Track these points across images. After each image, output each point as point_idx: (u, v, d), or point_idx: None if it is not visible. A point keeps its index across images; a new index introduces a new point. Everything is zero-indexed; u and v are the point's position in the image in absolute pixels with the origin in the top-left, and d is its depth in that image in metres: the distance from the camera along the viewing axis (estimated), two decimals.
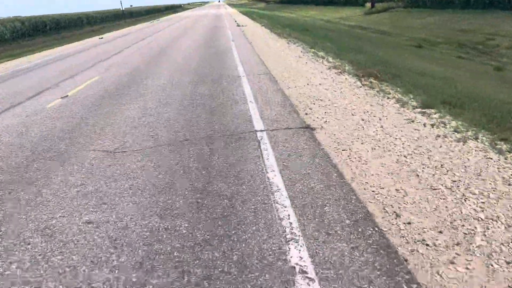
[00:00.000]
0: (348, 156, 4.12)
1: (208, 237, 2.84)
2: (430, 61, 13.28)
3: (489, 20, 25.00)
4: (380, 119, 5.27)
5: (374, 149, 4.27)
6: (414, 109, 5.63)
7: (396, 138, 4.53)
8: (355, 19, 38.96)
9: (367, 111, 5.65)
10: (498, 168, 3.59)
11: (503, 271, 2.28)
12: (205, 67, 10.49)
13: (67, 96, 8.11)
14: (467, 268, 2.33)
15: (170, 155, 4.46)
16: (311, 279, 2.32)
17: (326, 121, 5.32)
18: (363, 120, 5.28)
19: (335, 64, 9.69)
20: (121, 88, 8.59)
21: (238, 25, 25.12)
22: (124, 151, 4.71)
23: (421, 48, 18.46)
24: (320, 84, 7.60)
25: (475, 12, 28.06)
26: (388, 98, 6.28)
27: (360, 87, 7.16)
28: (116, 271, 2.54)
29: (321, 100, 6.44)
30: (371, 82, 7.48)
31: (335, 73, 8.57)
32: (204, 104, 6.70)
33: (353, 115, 5.54)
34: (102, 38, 26.10)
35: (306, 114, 5.71)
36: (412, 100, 6.08)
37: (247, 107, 6.29)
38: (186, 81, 8.77)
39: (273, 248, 2.63)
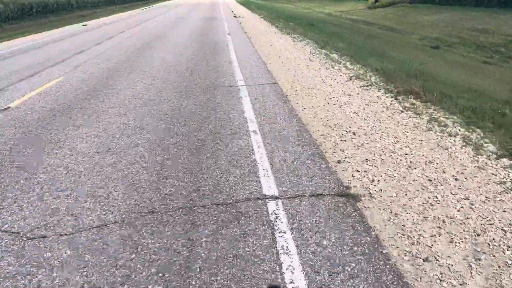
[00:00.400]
0: (439, 279, 2.25)
1: None
2: (458, 67, 11.43)
3: (506, 20, 23.22)
4: (456, 180, 3.40)
5: (479, 259, 2.41)
6: (498, 158, 3.78)
7: (504, 230, 2.67)
8: (357, 13, 37.04)
9: (429, 161, 3.77)
10: None
11: None
12: (196, 71, 8.52)
13: (8, 108, 6.11)
14: None
15: (115, 254, 2.55)
16: None
17: (373, 180, 3.43)
18: (430, 180, 3.40)
19: (356, 72, 7.78)
20: (84, 97, 6.61)
21: (235, 16, 23.03)
22: (45, 236, 2.78)
23: (438, 49, 16.59)
24: (345, 104, 5.70)
25: (489, 11, 26.26)
26: (449, 135, 4.41)
27: (402, 111, 5.28)
28: None
29: (353, 133, 4.55)
30: (413, 104, 5.60)
31: (360, 86, 6.66)
32: (188, 133, 4.76)
33: (410, 167, 3.66)
34: (86, 25, 23.84)
35: (339, 162, 3.82)
36: (485, 140, 4.23)
37: (249, 141, 4.38)
38: (170, 90, 6.81)
39: None
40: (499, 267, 2.34)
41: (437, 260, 2.41)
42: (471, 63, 13.36)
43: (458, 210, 2.94)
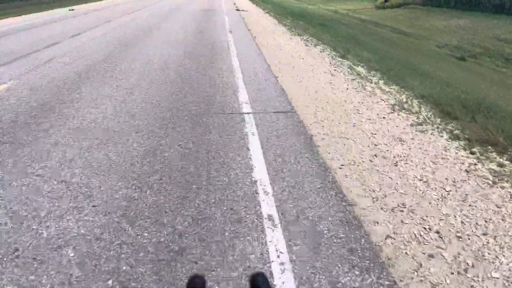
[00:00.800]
0: None
1: None
2: (501, 87, 9.62)
3: None
4: None
5: None
6: None
7: None
8: (365, 13, 35.23)
9: None
10: None
11: None
12: (188, 82, 6.61)
13: None
14: None
15: None
16: None
17: None
18: None
19: (397, 97, 5.92)
20: (23, 123, 4.70)
21: (238, 9, 21.00)
22: None
23: (465, 61, 14.78)
24: (401, 159, 3.85)
25: (510, 19, 24.45)
26: None
27: (493, 183, 3.44)
28: None
29: (437, 233, 2.71)
30: (502, 166, 3.76)
31: (412, 125, 4.80)
32: (157, 220, 2.88)
33: None
34: (73, 10, 21.69)
35: None
36: None
37: (264, 246, 2.52)
38: (148, 116, 4.91)
39: None
40: None
41: None
42: (509, 81, 11.54)
43: None
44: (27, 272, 2.25)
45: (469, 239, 2.66)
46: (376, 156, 3.93)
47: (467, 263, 2.43)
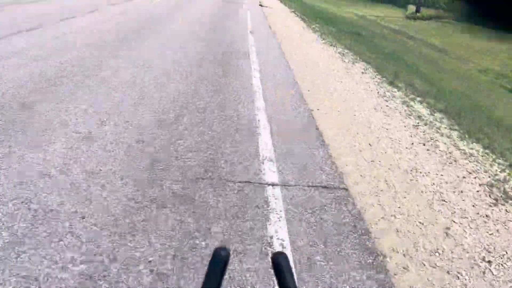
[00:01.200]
0: None
1: None
2: None
3: None
4: None
5: None
6: None
7: None
8: (395, 22, 33.07)
9: None
10: None
11: None
12: (189, 111, 4.74)
13: None
14: None
15: None
16: None
17: None
18: None
19: (488, 170, 4.06)
20: None
21: (261, 5, 19.01)
22: None
23: None
24: None
25: None
26: None
27: None
28: None
29: None
30: None
31: None
32: None
33: None
34: None
35: None
36: None
37: None
38: (113, 188, 3.04)
39: None
40: None
41: None
42: None
43: None
44: None
45: None
46: None
47: None
